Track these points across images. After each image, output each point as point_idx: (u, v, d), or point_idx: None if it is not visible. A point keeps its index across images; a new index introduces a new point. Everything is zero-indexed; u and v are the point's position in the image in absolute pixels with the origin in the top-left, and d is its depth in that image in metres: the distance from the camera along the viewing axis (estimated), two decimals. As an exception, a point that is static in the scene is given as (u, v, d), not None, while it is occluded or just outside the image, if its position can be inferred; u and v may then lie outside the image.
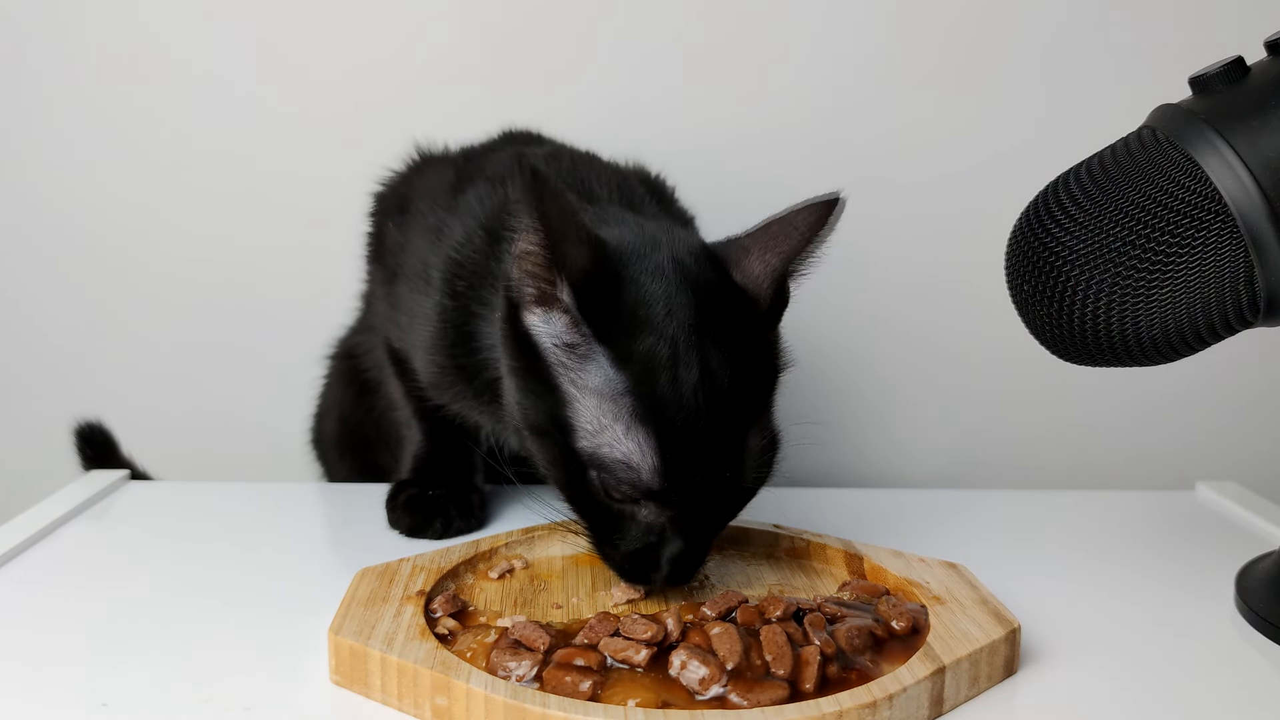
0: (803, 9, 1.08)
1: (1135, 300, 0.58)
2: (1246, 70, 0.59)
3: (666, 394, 0.59)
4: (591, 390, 0.60)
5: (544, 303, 0.62)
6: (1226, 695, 0.58)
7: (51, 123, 1.11)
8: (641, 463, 0.59)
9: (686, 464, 0.59)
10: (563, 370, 0.61)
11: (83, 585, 0.70)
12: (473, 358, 0.74)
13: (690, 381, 0.59)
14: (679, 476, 0.59)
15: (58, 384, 1.15)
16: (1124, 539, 0.83)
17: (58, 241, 1.13)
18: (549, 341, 0.62)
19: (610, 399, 0.60)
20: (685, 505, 0.61)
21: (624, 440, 0.59)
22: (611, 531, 0.62)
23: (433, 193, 0.82)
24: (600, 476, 0.61)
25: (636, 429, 0.59)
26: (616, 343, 0.60)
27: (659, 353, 0.60)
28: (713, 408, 0.60)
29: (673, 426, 0.59)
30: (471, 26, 1.09)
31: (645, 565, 0.62)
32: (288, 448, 1.07)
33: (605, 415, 0.60)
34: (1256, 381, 1.14)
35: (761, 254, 0.64)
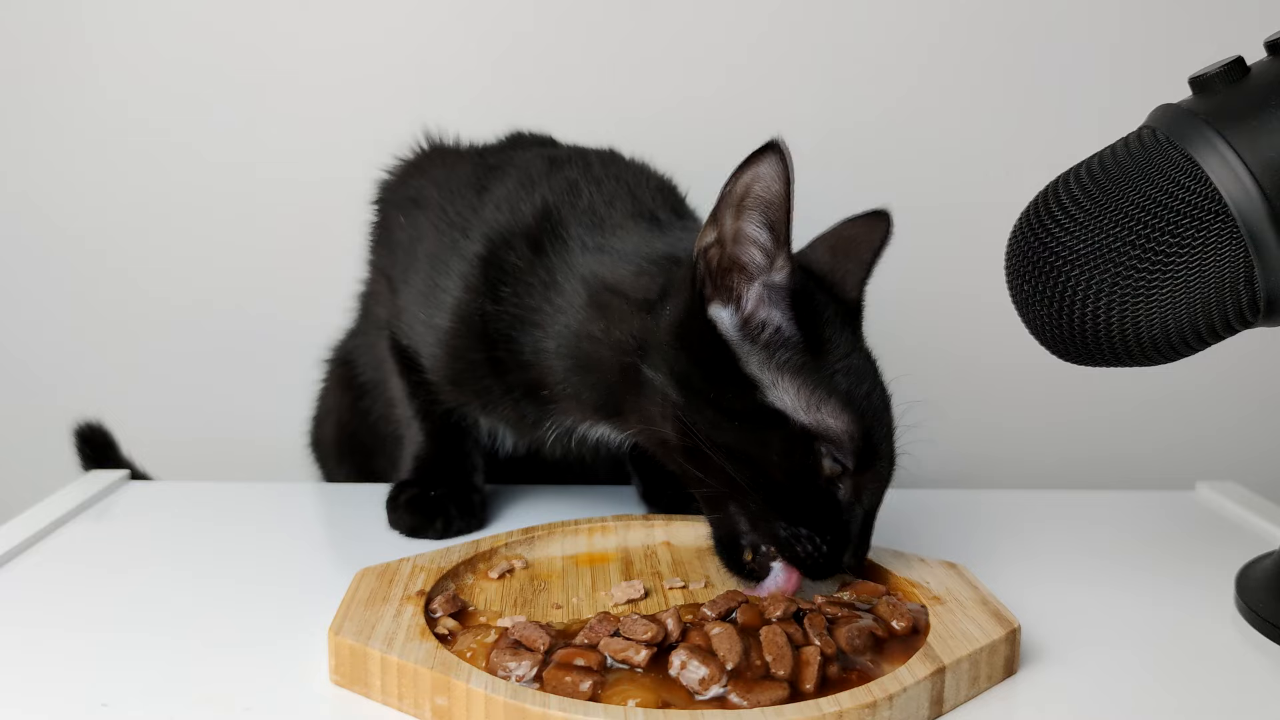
0: (802, 11, 1.08)
1: (1135, 300, 0.58)
2: (1246, 70, 0.59)
3: (858, 373, 0.64)
4: (793, 371, 0.63)
5: (726, 297, 0.64)
6: (1226, 695, 0.58)
7: (51, 123, 1.11)
8: (854, 434, 0.62)
9: (880, 437, 0.64)
10: (756, 357, 0.63)
11: (83, 585, 0.70)
12: (516, 358, 0.74)
13: (865, 363, 0.65)
14: (875, 449, 0.64)
15: (58, 384, 1.15)
16: (1124, 539, 0.83)
17: (58, 242, 1.13)
18: (740, 333, 0.64)
19: (816, 378, 0.63)
20: (877, 478, 0.64)
21: (841, 414, 0.62)
22: (816, 514, 0.63)
23: (452, 188, 0.82)
24: (820, 448, 0.62)
25: (848, 406, 0.63)
26: (811, 328, 0.64)
27: (841, 336, 0.65)
28: (882, 390, 0.66)
29: (871, 402, 0.64)
30: (473, 28, 1.09)
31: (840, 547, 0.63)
32: (287, 449, 1.07)
33: (816, 393, 0.63)
34: (1256, 381, 1.14)
35: (840, 265, 0.70)
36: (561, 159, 0.81)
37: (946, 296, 1.10)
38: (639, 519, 0.75)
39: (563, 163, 0.79)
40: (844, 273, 0.70)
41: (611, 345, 0.69)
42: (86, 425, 0.99)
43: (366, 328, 0.95)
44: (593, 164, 0.80)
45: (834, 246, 0.71)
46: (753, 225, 0.62)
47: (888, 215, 0.71)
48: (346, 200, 0.93)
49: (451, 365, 0.78)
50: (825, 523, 0.63)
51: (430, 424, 0.84)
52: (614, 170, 0.79)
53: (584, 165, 0.79)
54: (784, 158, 0.60)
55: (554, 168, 0.79)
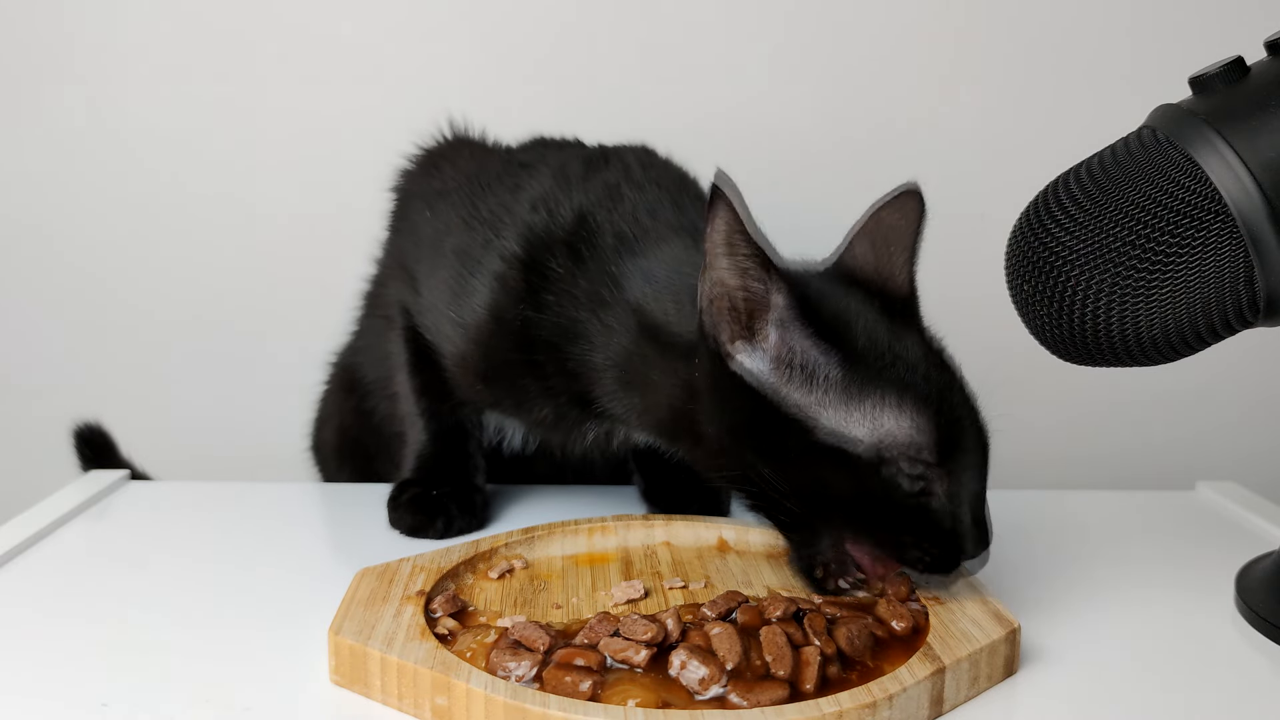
0: (802, 9, 1.08)
1: (1135, 300, 0.58)
2: (1246, 70, 0.59)
3: (905, 372, 0.61)
4: (837, 390, 0.61)
5: (744, 335, 0.62)
6: (1226, 695, 0.58)
7: (52, 123, 1.11)
8: (922, 438, 0.60)
9: (952, 418, 0.62)
10: (795, 395, 0.61)
11: (83, 585, 0.70)
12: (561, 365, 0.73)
13: (915, 353, 0.63)
14: (953, 440, 0.61)
15: (58, 385, 1.15)
16: (1124, 539, 0.83)
17: (58, 242, 1.13)
18: (768, 373, 0.62)
19: (859, 392, 0.61)
20: (964, 459, 0.62)
21: (900, 416, 0.60)
22: (912, 527, 0.61)
23: (483, 183, 0.81)
24: (890, 471, 0.60)
25: (905, 402, 0.60)
26: (839, 339, 0.62)
27: (878, 336, 0.62)
28: (944, 371, 0.64)
29: (929, 396, 0.61)
30: (474, 31, 1.09)
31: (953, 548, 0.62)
32: (288, 450, 1.07)
33: (868, 403, 0.61)
34: (1256, 381, 1.14)
35: (884, 257, 0.67)
36: (598, 160, 0.79)
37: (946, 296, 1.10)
38: (639, 519, 0.75)
39: (600, 164, 0.78)
40: (889, 264, 0.67)
41: (665, 383, 0.67)
42: (86, 426, 0.99)
43: (372, 324, 0.94)
44: (632, 166, 0.78)
45: (873, 238, 0.68)
46: (734, 267, 0.60)
47: (917, 191, 0.68)
48: (349, 202, 0.93)
49: (484, 362, 0.77)
50: (928, 532, 0.61)
51: (435, 423, 0.84)
52: (654, 174, 0.78)
53: (623, 168, 0.78)
54: (726, 199, 0.58)
55: (591, 169, 0.77)
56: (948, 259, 1.11)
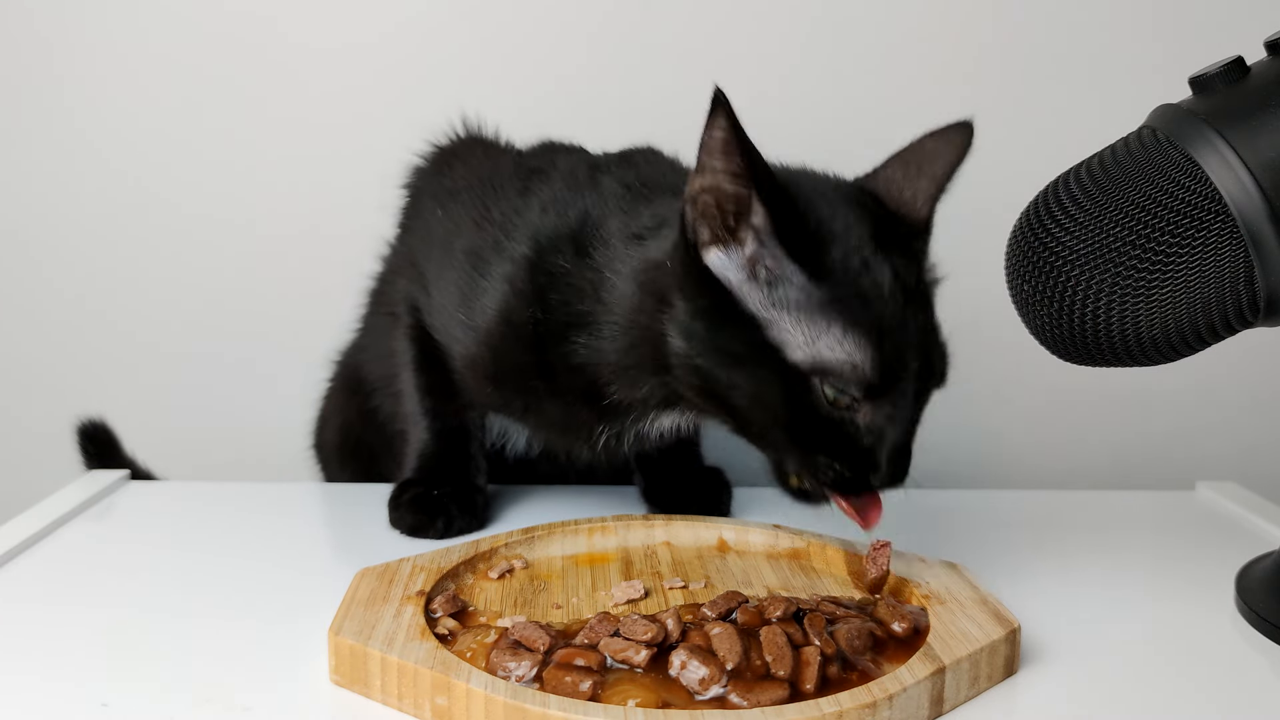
0: (802, 9, 1.08)
1: (1135, 300, 0.58)
2: (1246, 70, 0.59)
3: (869, 295, 0.63)
4: (793, 306, 0.63)
5: (721, 240, 0.64)
6: (1226, 695, 0.58)
7: (54, 123, 1.11)
8: (863, 360, 0.62)
9: (900, 356, 0.63)
10: (757, 296, 0.64)
11: (83, 585, 0.70)
12: (568, 361, 0.73)
13: (886, 283, 0.64)
14: (896, 369, 0.62)
15: (59, 385, 1.15)
16: (1124, 539, 0.83)
17: (59, 242, 1.13)
18: (735, 274, 0.64)
19: (816, 310, 0.63)
20: (903, 399, 0.63)
21: (843, 342, 0.62)
22: (831, 443, 0.63)
23: (494, 184, 0.81)
24: (824, 383, 0.62)
25: (851, 330, 0.62)
26: (809, 259, 0.63)
27: (851, 261, 0.64)
28: (912, 304, 0.64)
29: (882, 323, 0.63)
30: (487, 28, 1.09)
31: (865, 469, 0.64)
32: (289, 450, 1.07)
33: (815, 325, 0.63)
34: (1256, 381, 1.14)
35: (911, 181, 0.69)
36: (605, 163, 0.80)
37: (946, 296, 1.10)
38: (639, 519, 0.75)
39: (608, 167, 0.79)
40: (914, 190, 0.69)
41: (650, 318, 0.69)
42: (89, 423, 0.99)
43: (377, 322, 0.94)
44: (640, 167, 0.79)
45: (907, 161, 0.70)
46: (725, 171, 0.62)
47: (970, 126, 0.70)
48: (351, 202, 0.93)
49: (494, 365, 0.78)
50: (845, 451, 0.63)
51: (438, 422, 0.84)
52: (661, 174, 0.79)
53: (632, 169, 0.79)
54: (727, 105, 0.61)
55: (598, 171, 0.78)
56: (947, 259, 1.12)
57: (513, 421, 0.85)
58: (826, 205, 0.66)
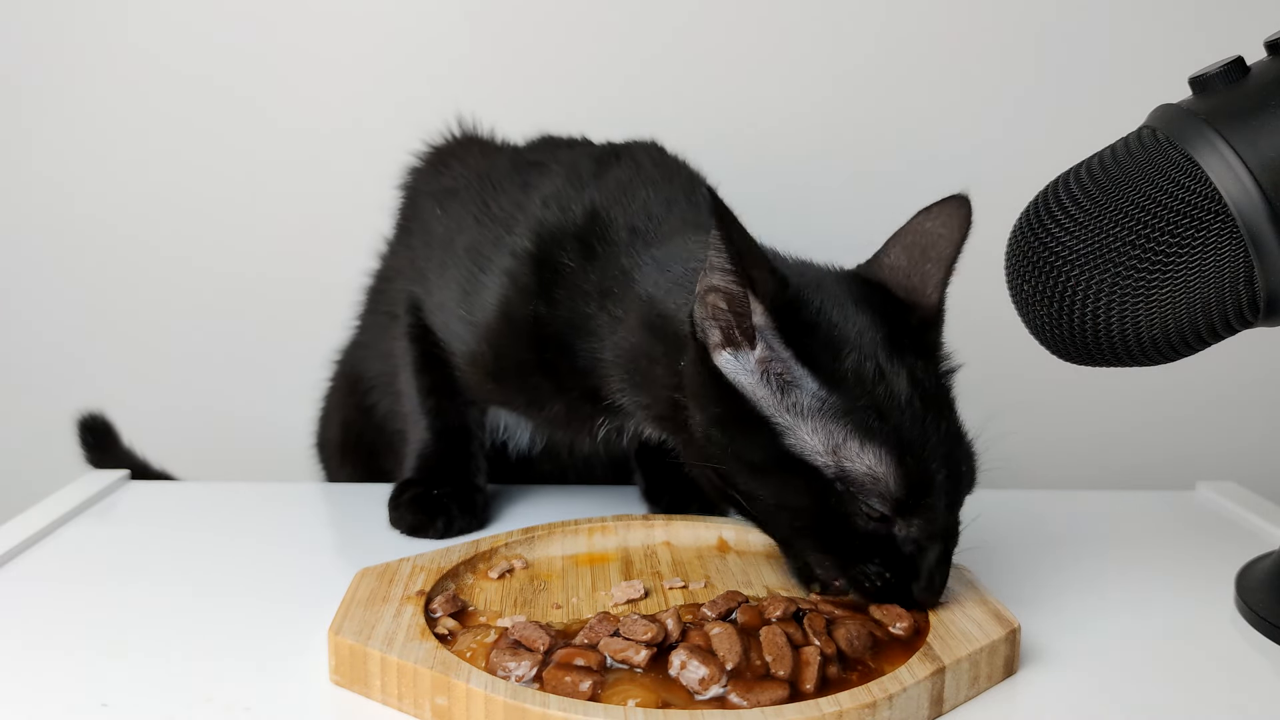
0: (802, 8, 1.08)
1: (1135, 300, 0.58)
2: (1246, 70, 0.59)
3: (885, 404, 0.60)
4: (808, 414, 0.60)
5: (734, 341, 0.62)
6: (1226, 695, 0.58)
7: (57, 122, 1.11)
8: (885, 473, 0.59)
9: (927, 468, 0.59)
10: (771, 402, 0.61)
11: (83, 585, 0.70)
12: (571, 362, 0.73)
13: (903, 389, 0.60)
14: (922, 481, 0.59)
15: (59, 385, 1.15)
16: (1124, 539, 0.83)
17: (60, 243, 1.13)
18: (747, 378, 0.62)
19: (832, 419, 0.60)
20: (933, 511, 0.60)
21: (862, 455, 0.59)
22: (865, 553, 0.60)
23: (493, 180, 0.81)
24: (849, 500, 0.59)
25: (869, 442, 0.59)
26: (823, 364, 0.60)
27: (865, 367, 0.60)
28: (931, 410, 0.61)
29: (902, 433, 0.59)
30: (476, 33, 1.09)
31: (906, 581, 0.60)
32: (291, 450, 1.07)
33: (832, 435, 0.59)
34: (1256, 381, 1.14)
35: (918, 266, 0.66)
36: (610, 156, 0.79)
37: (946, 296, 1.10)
38: (639, 519, 0.75)
39: (612, 161, 0.78)
40: (921, 275, 0.66)
41: (667, 374, 0.67)
42: (89, 416, 1.00)
43: (375, 320, 0.94)
44: (643, 163, 0.78)
45: (909, 246, 0.67)
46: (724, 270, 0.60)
47: (965, 200, 0.66)
48: (352, 202, 0.93)
49: (496, 362, 0.77)
50: (883, 562, 0.60)
51: (438, 422, 0.84)
52: (665, 170, 0.78)
53: (634, 164, 0.77)
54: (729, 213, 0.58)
55: (603, 166, 0.77)
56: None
57: (517, 416, 0.84)
58: (834, 303, 0.63)
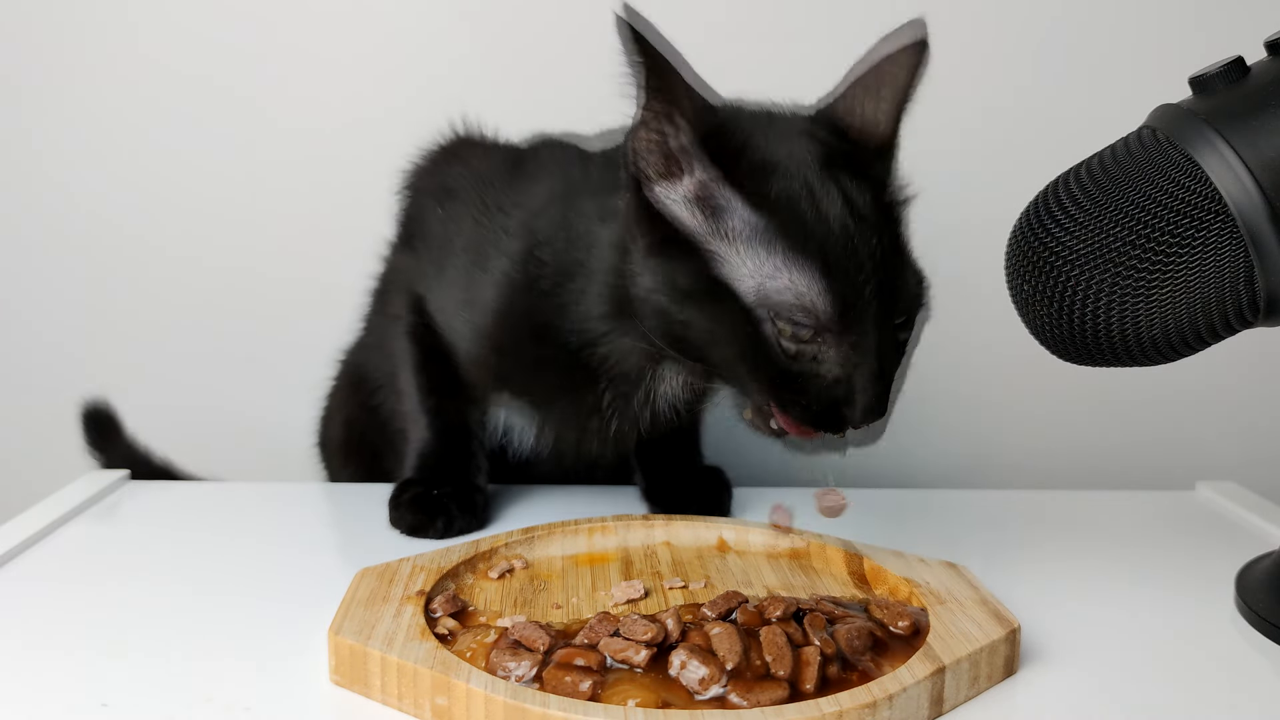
0: (801, 8, 1.08)
1: (1135, 300, 0.58)
2: (1246, 70, 0.59)
3: (814, 225, 0.61)
4: (737, 238, 0.62)
5: (668, 173, 0.63)
6: (1226, 695, 0.58)
7: (59, 122, 1.11)
8: (810, 293, 0.60)
9: (854, 286, 0.60)
10: (702, 229, 0.63)
11: (83, 585, 0.70)
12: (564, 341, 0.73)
13: (834, 210, 0.61)
14: (850, 300, 0.60)
15: (59, 385, 1.15)
16: (1124, 539, 0.83)
17: (60, 243, 1.13)
18: (681, 206, 0.63)
19: (760, 242, 0.61)
20: (863, 330, 0.61)
21: (786, 275, 0.60)
22: (794, 382, 0.62)
23: (489, 180, 0.81)
24: (775, 322, 0.61)
25: (795, 261, 0.60)
26: (751, 187, 0.62)
27: (794, 189, 0.62)
28: (863, 231, 0.61)
29: (828, 253, 0.60)
30: (478, 35, 1.09)
31: (837, 405, 0.62)
32: (292, 447, 1.07)
33: (758, 259, 0.61)
34: (1256, 381, 1.14)
35: (873, 99, 0.67)
36: (603, 156, 0.79)
37: (946, 296, 1.10)
38: (639, 519, 0.75)
39: (600, 159, 0.78)
40: (875, 109, 0.67)
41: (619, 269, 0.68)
42: (93, 406, 1.00)
43: (380, 321, 0.94)
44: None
45: (866, 84, 0.69)
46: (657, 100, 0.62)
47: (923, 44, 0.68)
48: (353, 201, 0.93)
49: (500, 361, 0.78)
50: (813, 388, 0.61)
51: (439, 421, 0.84)
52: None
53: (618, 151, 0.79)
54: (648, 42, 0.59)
55: (588, 161, 0.78)
56: (947, 259, 1.11)
57: (521, 417, 0.85)
58: (766, 129, 0.64)
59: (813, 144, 0.64)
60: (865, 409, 0.62)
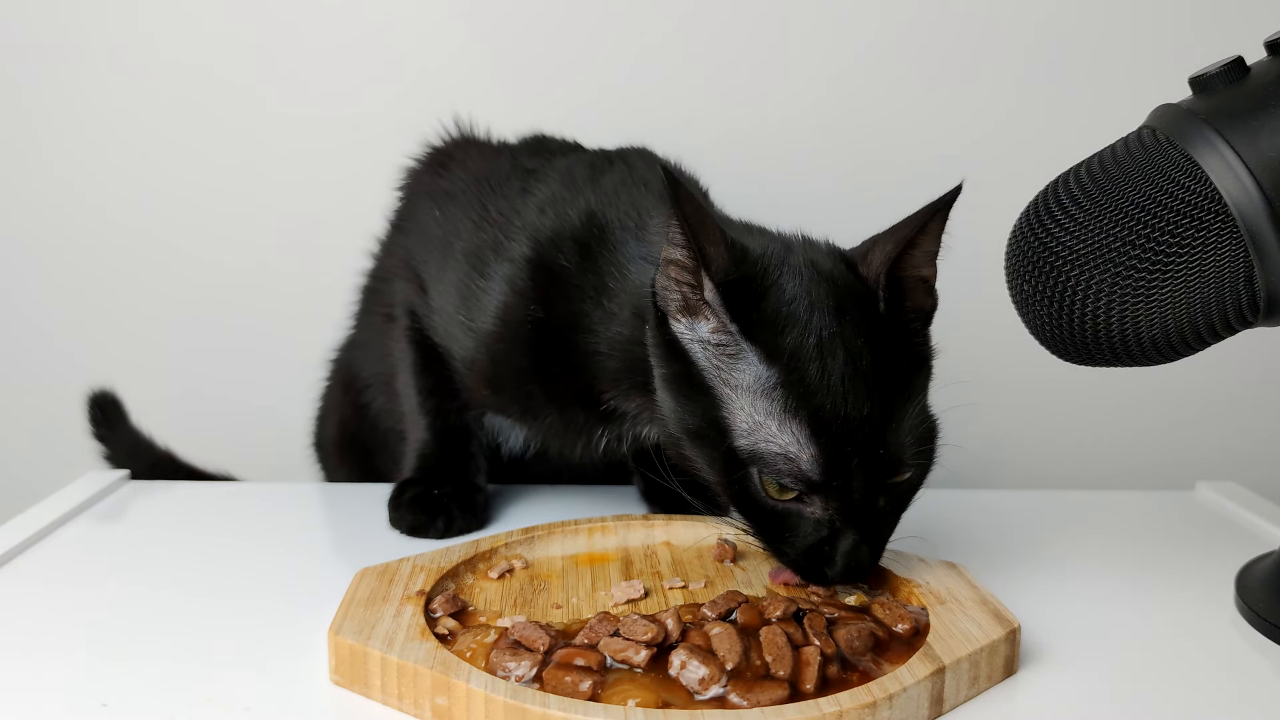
0: (799, 7, 1.08)
1: (1135, 300, 0.58)
2: (1246, 70, 0.59)
3: (816, 383, 0.60)
4: (744, 389, 0.62)
5: (690, 310, 0.64)
6: (1226, 695, 0.58)
7: (60, 122, 1.11)
8: (799, 454, 0.60)
9: (843, 450, 0.60)
10: (714, 373, 0.63)
11: (83, 585, 0.70)
12: (565, 363, 0.73)
13: (837, 369, 0.60)
14: (838, 463, 0.60)
15: (59, 385, 1.15)
16: (1124, 539, 0.83)
17: (61, 243, 1.14)
18: (698, 347, 0.63)
19: (763, 395, 0.61)
20: (848, 494, 0.60)
21: (779, 434, 0.60)
22: (780, 531, 0.62)
23: (492, 185, 0.81)
24: (761, 474, 0.61)
25: (790, 421, 0.60)
26: (764, 340, 0.61)
27: (805, 345, 0.61)
28: (861, 393, 0.60)
29: (823, 414, 0.60)
30: (474, 29, 1.09)
31: (819, 562, 0.62)
32: (296, 442, 1.07)
33: (759, 411, 0.61)
34: (1256, 381, 1.14)
35: (882, 247, 0.65)
36: (603, 161, 0.80)
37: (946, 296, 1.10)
38: (639, 519, 0.75)
39: (605, 166, 0.79)
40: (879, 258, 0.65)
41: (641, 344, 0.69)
42: (99, 392, 1.01)
43: (370, 319, 0.94)
44: (636, 166, 0.79)
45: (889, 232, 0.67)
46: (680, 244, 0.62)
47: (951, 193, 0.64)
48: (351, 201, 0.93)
49: (494, 368, 0.78)
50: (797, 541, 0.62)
51: (439, 422, 0.84)
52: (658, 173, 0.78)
53: (627, 167, 0.78)
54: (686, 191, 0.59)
55: (596, 171, 0.78)
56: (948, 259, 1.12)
57: (512, 423, 0.85)
58: (792, 281, 0.63)
59: (828, 291, 0.63)
60: (846, 570, 0.61)
